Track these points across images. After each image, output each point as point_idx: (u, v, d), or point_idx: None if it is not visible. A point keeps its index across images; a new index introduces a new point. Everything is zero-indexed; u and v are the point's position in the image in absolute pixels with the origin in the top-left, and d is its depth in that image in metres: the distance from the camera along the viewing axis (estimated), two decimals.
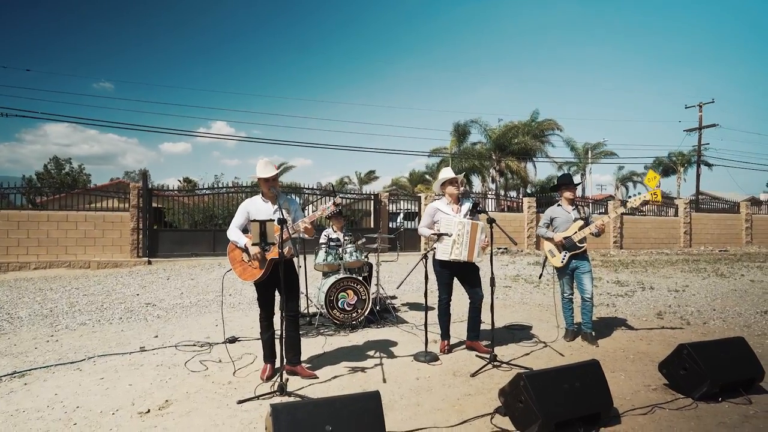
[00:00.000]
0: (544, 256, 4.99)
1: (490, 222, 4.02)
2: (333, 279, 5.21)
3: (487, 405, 3.10)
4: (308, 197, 15.40)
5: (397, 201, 17.76)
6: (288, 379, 3.61)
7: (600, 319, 5.65)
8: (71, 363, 4.05)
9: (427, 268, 4.12)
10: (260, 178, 3.75)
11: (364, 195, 16.99)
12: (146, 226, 12.74)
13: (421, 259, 4.15)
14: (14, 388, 3.47)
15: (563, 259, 4.74)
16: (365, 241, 5.93)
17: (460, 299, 4.63)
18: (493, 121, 29.53)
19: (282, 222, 3.40)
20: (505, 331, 5.15)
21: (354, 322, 5.18)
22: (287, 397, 3.23)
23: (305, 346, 4.48)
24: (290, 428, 2.26)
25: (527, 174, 26.80)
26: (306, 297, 5.73)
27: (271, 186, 3.73)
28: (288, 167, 32.95)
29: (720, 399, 3.13)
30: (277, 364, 3.62)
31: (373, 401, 2.43)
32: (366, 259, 5.84)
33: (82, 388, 3.47)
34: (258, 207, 3.77)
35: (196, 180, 26.08)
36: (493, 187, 26.31)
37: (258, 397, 3.26)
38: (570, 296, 4.85)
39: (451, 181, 4.33)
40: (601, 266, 11.96)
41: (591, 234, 4.67)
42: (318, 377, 3.70)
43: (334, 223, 6.20)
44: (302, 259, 5.71)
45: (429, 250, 4.22)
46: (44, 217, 12.01)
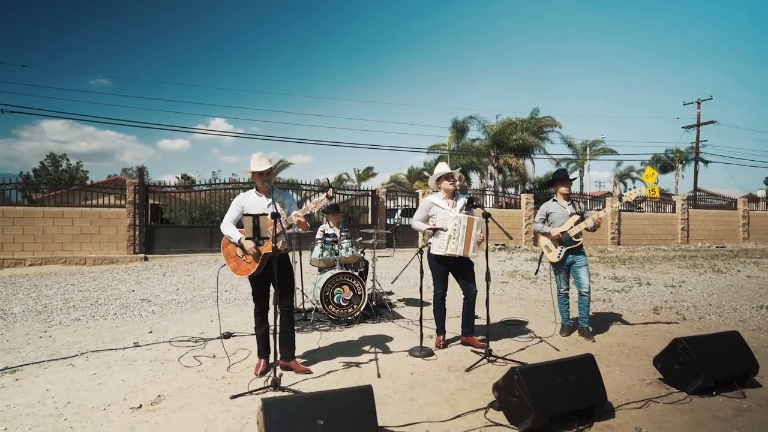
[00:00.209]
0: (540, 252, 4.97)
1: (486, 216, 4.00)
2: (329, 274, 5.18)
3: (482, 399, 3.09)
4: (306, 194, 15.38)
5: (395, 197, 17.73)
6: (282, 374, 3.60)
7: (596, 314, 5.64)
8: (64, 358, 4.02)
9: (422, 263, 4.10)
10: (254, 172, 3.72)
11: (362, 191, 16.96)
12: (143, 222, 12.70)
13: (417, 253, 4.14)
14: (5, 384, 3.44)
15: (559, 254, 4.73)
16: (361, 238, 5.91)
17: (456, 294, 4.61)
18: (492, 117, 29.48)
19: (275, 216, 3.37)
20: (501, 326, 5.14)
21: (349, 317, 5.16)
22: (281, 392, 3.21)
23: (300, 342, 4.47)
24: (281, 423, 2.24)
25: (526, 171, 26.80)
26: (302, 293, 5.71)
27: (265, 180, 3.70)
28: (286, 164, 32.93)
29: (714, 393, 3.12)
30: (272, 359, 3.60)
31: (365, 395, 2.41)
32: (362, 254, 5.82)
33: (74, 384, 3.45)
34: (252, 201, 3.74)
35: (194, 177, 26.03)
36: (492, 183, 26.30)
37: (251, 392, 3.24)
38: (566, 291, 4.84)
39: (447, 177, 4.31)
40: (598, 262, 11.97)
41: (587, 229, 4.66)
42: (312, 372, 3.68)
43: (330, 218, 6.17)
44: (298, 255, 5.69)
45: (424, 245, 4.20)
46: (39, 213, 11.96)
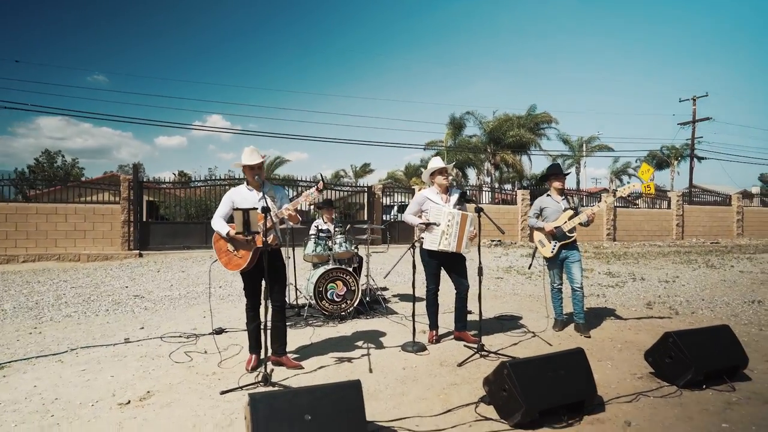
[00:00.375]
0: (534, 247, 4.96)
1: (478, 211, 3.98)
2: (322, 270, 5.16)
3: (473, 394, 3.08)
4: (302, 190, 15.36)
5: (392, 194, 17.71)
6: (273, 370, 3.58)
7: (590, 309, 5.64)
8: (53, 355, 3.99)
9: (414, 258, 4.09)
10: (245, 166, 3.68)
11: (358, 187, 16.92)
12: (137, 218, 12.63)
13: (409, 248, 4.12)
14: None
15: (553, 249, 4.72)
16: (352, 230, 5.88)
17: (450, 289, 4.60)
18: (489, 113, 29.43)
19: (266, 210, 3.34)
20: (494, 321, 5.14)
21: (343, 313, 5.15)
22: (271, 388, 3.19)
23: (293, 337, 4.46)
24: (268, 418, 2.23)
25: (522, 167, 26.80)
26: (295, 288, 5.69)
27: (256, 174, 3.67)
28: (283, 161, 32.78)
29: (704, 386, 3.12)
30: (263, 354, 3.58)
31: (353, 390, 2.39)
32: (356, 250, 5.80)
33: (63, 380, 3.42)
34: (243, 196, 3.72)
35: (190, 173, 25.90)
36: (489, 180, 26.30)
37: (241, 387, 3.22)
38: (559, 286, 4.84)
39: (441, 171, 4.28)
40: (593, 258, 12.00)
41: (581, 224, 4.65)
42: (303, 368, 3.67)
43: (325, 213, 6.15)
44: (291, 250, 5.66)
45: (417, 240, 4.18)
46: (33, 209, 11.88)
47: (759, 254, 13.14)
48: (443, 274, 4.29)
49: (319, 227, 5.93)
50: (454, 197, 4.25)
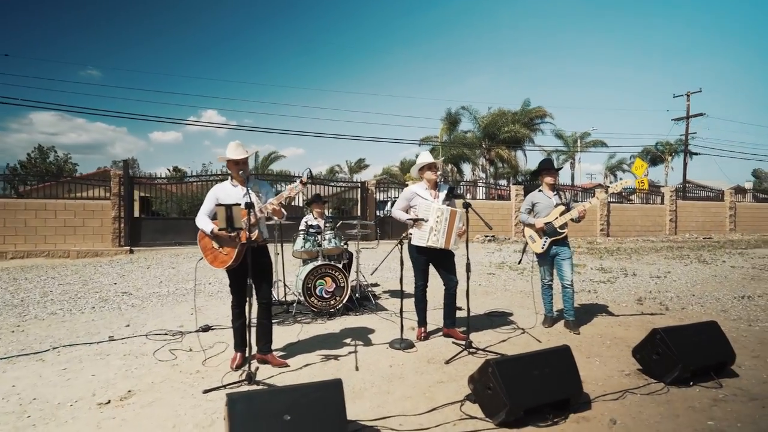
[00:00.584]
0: (524, 242, 4.93)
1: (466, 206, 3.94)
2: (311, 266, 5.11)
3: (459, 392, 3.04)
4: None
5: (387, 189, 17.65)
6: (258, 368, 3.54)
7: (581, 305, 5.63)
8: (34, 353, 3.92)
9: (402, 254, 4.04)
10: (230, 160, 3.62)
11: (351, 183, 16.85)
12: (128, 214, 12.51)
13: (397, 244, 4.07)
14: None
15: (544, 245, 4.68)
16: (340, 224, 5.82)
17: (439, 286, 4.56)
18: (484, 109, 29.39)
19: (249, 206, 3.28)
20: (484, 317, 5.11)
21: (332, 309, 5.10)
22: (255, 386, 3.15)
23: (281, 334, 4.41)
24: (246, 418, 2.18)
25: (517, 162, 26.82)
26: (284, 285, 5.63)
27: (240, 169, 3.61)
28: (278, 156, 32.62)
29: (691, 383, 3.10)
30: (249, 353, 3.53)
31: (334, 389, 2.35)
32: (345, 246, 5.74)
33: (42, 380, 3.36)
34: (227, 192, 3.65)
35: (185, 169, 25.74)
36: (483, 175, 26.29)
37: (225, 386, 3.17)
38: (550, 282, 4.81)
39: (430, 166, 4.23)
40: (586, 253, 12.01)
41: (572, 220, 4.61)
42: (289, 366, 3.62)
43: (315, 209, 6.09)
44: (280, 246, 5.60)
45: (405, 235, 4.14)
46: (21, 205, 11.73)
47: (751, 249, 13.21)
48: (432, 270, 4.25)
49: (309, 223, 5.87)
50: (443, 193, 4.20)
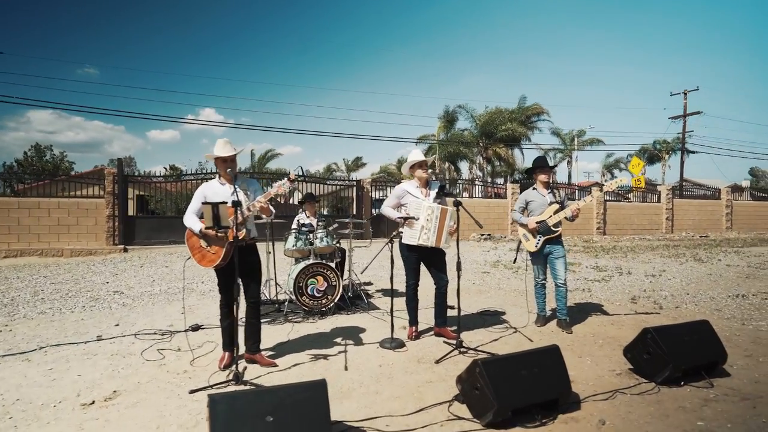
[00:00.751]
0: (518, 240, 4.90)
1: (457, 205, 3.90)
2: (302, 265, 5.07)
3: (448, 392, 3.01)
4: (295, 183, 15.31)
5: (384, 188, 17.60)
6: (246, 368, 3.51)
7: (575, 304, 5.60)
8: (20, 353, 3.87)
9: (392, 252, 4.00)
10: (217, 158, 3.58)
11: (346, 181, 16.81)
12: (122, 213, 12.44)
13: (388, 242, 4.04)
14: None
15: (537, 244, 4.65)
16: (337, 226, 5.79)
17: (431, 285, 4.54)
18: (481, 107, 29.37)
19: (236, 204, 3.24)
20: (476, 316, 5.08)
21: (323, 308, 5.06)
22: (243, 386, 3.11)
23: (271, 334, 4.38)
24: (227, 419, 2.14)
25: (514, 160, 26.80)
26: (275, 283, 5.59)
27: (228, 167, 3.57)
28: (275, 154, 32.55)
29: (682, 383, 3.08)
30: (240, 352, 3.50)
31: (318, 390, 2.31)
32: (338, 244, 5.70)
33: (27, 380, 3.31)
34: (215, 190, 3.61)
35: (182, 167, 25.64)
36: (481, 174, 26.26)
37: (212, 386, 3.13)
38: (543, 281, 4.78)
39: (421, 164, 4.19)
40: (582, 252, 11.99)
41: (566, 218, 4.58)
42: (278, 365, 3.58)
43: (307, 208, 6.05)
44: (271, 245, 5.56)
45: (395, 233, 4.10)
46: (15, 204, 11.64)
47: (747, 248, 13.22)
48: (423, 269, 4.22)
49: (301, 221, 5.83)
50: (434, 191, 4.16)
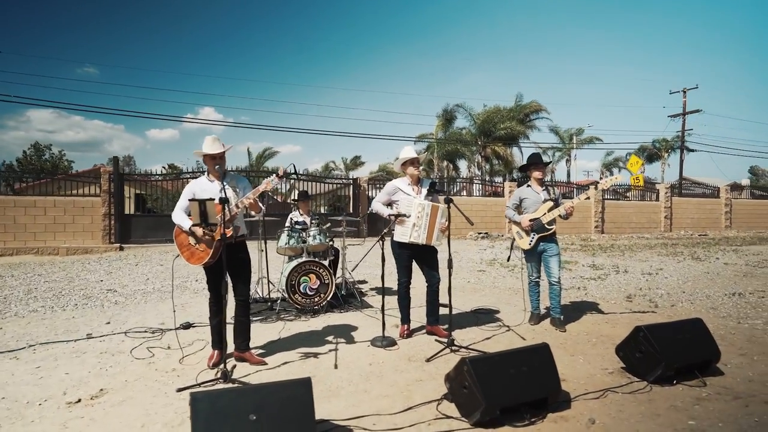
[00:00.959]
0: (511, 238, 4.86)
1: (448, 202, 3.87)
2: (295, 263, 5.04)
3: (437, 391, 2.98)
4: (294, 182, 15.43)
5: (381, 186, 17.54)
6: (235, 366, 3.48)
7: (570, 303, 5.57)
8: (9, 351, 3.84)
9: (383, 249, 3.97)
10: (206, 155, 3.54)
11: (343, 180, 16.79)
12: (118, 211, 12.40)
13: (378, 240, 4.00)
14: None
15: (531, 242, 4.62)
16: (330, 225, 5.76)
17: (423, 283, 4.51)
18: (479, 106, 29.30)
19: (223, 201, 3.21)
20: (470, 315, 5.05)
21: (316, 307, 5.03)
22: (231, 385, 3.08)
23: (263, 332, 4.35)
24: (209, 418, 2.11)
25: (513, 159, 26.74)
26: (268, 281, 5.56)
27: (217, 164, 3.54)
28: (273, 153, 32.45)
29: (675, 382, 3.04)
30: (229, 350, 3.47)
31: (302, 388, 2.27)
32: (331, 242, 5.67)
33: (14, 378, 3.28)
34: (204, 187, 3.58)
35: (180, 166, 25.64)
36: (479, 172, 26.23)
37: (199, 384, 3.10)
38: (537, 279, 4.74)
39: (412, 161, 4.16)
40: (579, 250, 11.96)
41: (560, 216, 4.54)
42: (267, 363, 3.55)
43: (301, 206, 6.01)
44: (264, 243, 5.53)
45: (386, 231, 4.06)
46: (10, 202, 11.60)
47: (745, 246, 13.18)
48: (415, 267, 4.18)
49: (295, 219, 5.80)
50: (425, 188, 4.13)
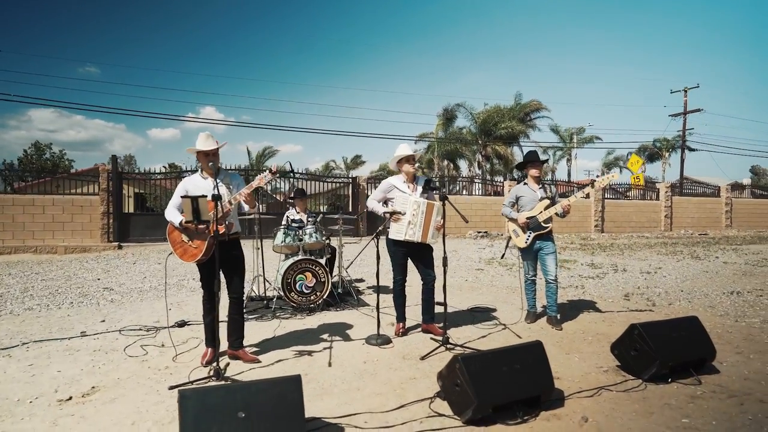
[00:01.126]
0: (507, 236, 4.84)
1: (443, 199, 3.85)
2: (291, 261, 5.02)
3: (430, 389, 2.96)
4: (294, 181, 15.47)
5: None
6: (228, 364, 3.46)
7: (567, 301, 5.55)
8: (2, 349, 3.83)
9: (378, 248, 3.95)
10: (199, 152, 3.52)
11: (343, 179, 16.77)
12: (116, 210, 12.39)
13: (373, 238, 3.98)
14: None
15: (527, 240, 4.60)
16: (323, 220, 5.72)
17: (420, 280, 4.49)
18: (480, 105, 29.28)
19: (216, 198, 3.19)
20: (466, 313, 5.03)
21: (312, 305, 5.01)
22: (223, 383, 3.06)
23: (258, 330, 4.33)
24: (198, 415, 2.09)
25: (513, 159, 26.70)
26: (263, 279, 5.55)
27: (210, 161, 3.51)
28: (273, 152, 32.43)
29: (669, 380, 3.02)
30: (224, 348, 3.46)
31: (292, 385, 2.26)
32: (327, 240, 5.65)
33: (6, 376, 3.27)
34: (197, 184, 3.55)
35: (181, 165, 25.65)
36: (480, 172, 26.18)
37: (192, 382, 3.09)
38: (533, 278, 4.72)
39: (408, 159, 4.13)
40: (578, 249, 11.93)
41: (556, 214, 4.52)
42: (261, 361, 3.53)
43: (297, 204, 6.00)
44: (259, 241, 5.51)
45: (381, 228, 4.04)
46: (9, 201, 11.60)
47: (746, 245, 13.15)
48: (411, 265, 4.16)
49: (291, 217, 5.78)
50: (421, 186, 4.11)
